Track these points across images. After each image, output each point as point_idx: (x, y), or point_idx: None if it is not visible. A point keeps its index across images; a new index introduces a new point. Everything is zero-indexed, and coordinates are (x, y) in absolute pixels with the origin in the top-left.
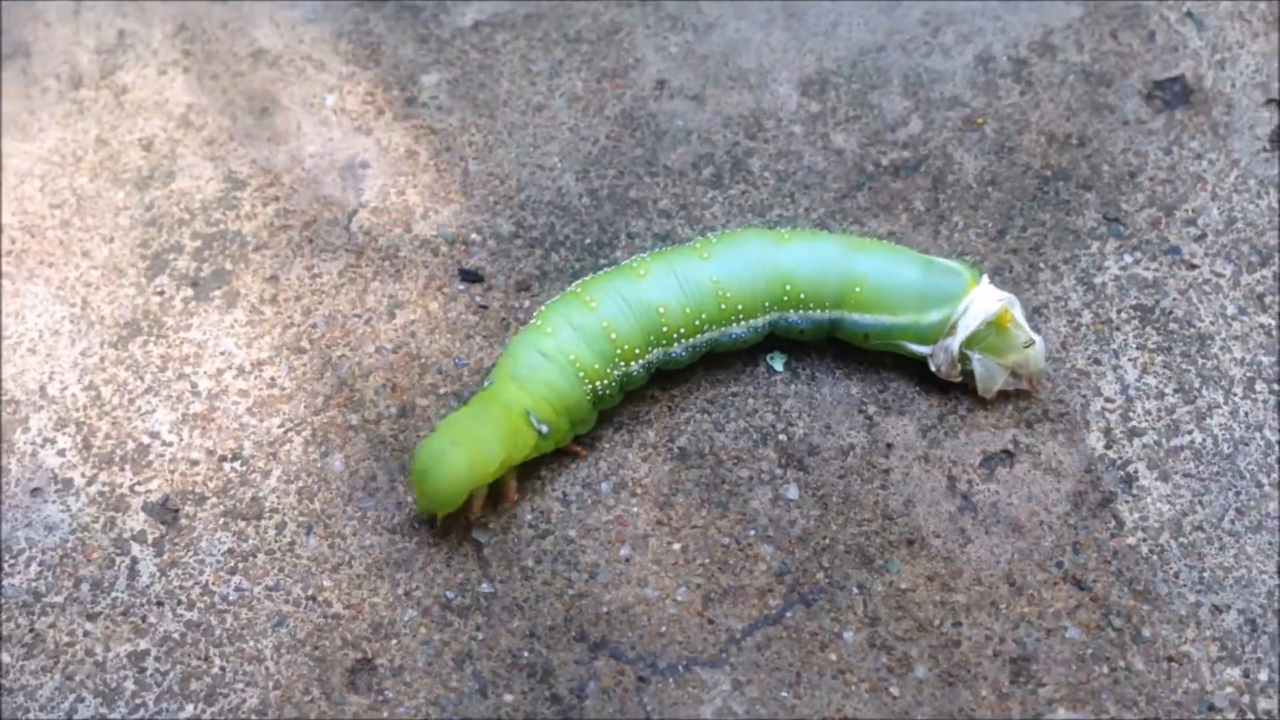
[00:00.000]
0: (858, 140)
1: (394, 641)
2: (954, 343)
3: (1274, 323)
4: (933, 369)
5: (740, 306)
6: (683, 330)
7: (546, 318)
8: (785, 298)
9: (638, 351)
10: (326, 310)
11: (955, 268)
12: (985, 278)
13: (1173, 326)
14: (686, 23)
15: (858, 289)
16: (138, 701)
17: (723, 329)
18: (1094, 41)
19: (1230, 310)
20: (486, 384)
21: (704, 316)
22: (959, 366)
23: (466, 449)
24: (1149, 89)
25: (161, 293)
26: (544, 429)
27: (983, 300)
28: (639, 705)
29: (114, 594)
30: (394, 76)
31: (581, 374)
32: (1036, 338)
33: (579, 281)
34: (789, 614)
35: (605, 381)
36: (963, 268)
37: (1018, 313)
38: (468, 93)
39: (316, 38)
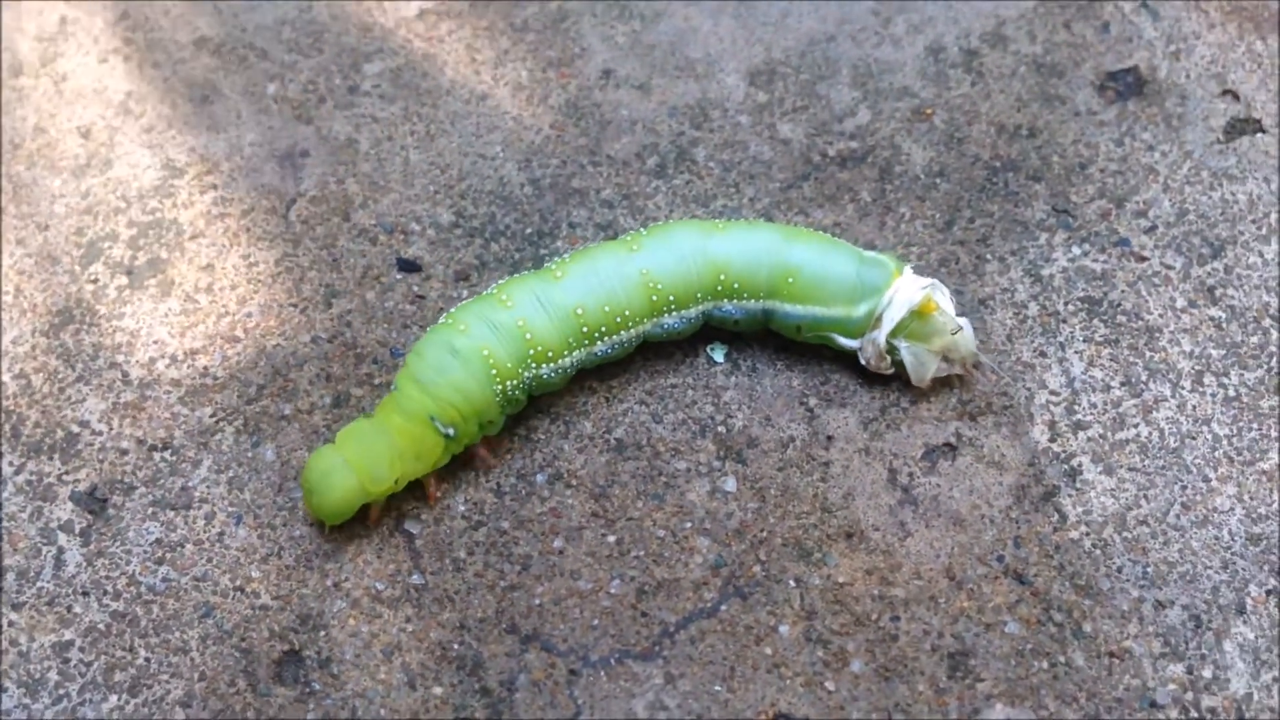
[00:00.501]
0: (805, 130)
1: (322, 633)
2: (880, 335)
3: (1224, 315)
4: (862, 362)
5: (672, 298)
6: (604, 328)
7: (459, 316)
8: (719, 287)
9: (551, 355)
10: (262, 299)
11: (882, 259)
12: (908, 268)
13: (1120, 319)
14: (634, 12)
15: (791, 279)
16: (61, 692)
17: (655, 320)
18: (1047, 32)
19: (1180, 303)
20: (392, 388)
21: (628, 312)
22: (888, 358)
23: (356, 468)
24: (1102, 80)
25: (95, 280)
26: (450, 432)
27: (906, 290)
28: (569, 699)
29: (39, 584)
30: (336, 65)
31: (494, 372)
32: (963, 322)
33: (495, 284)
34: (724, 607)
35: (515, 382)
36: (888, 259)
37: (943, 299)
38: (410, 81)
39: (259, 25)
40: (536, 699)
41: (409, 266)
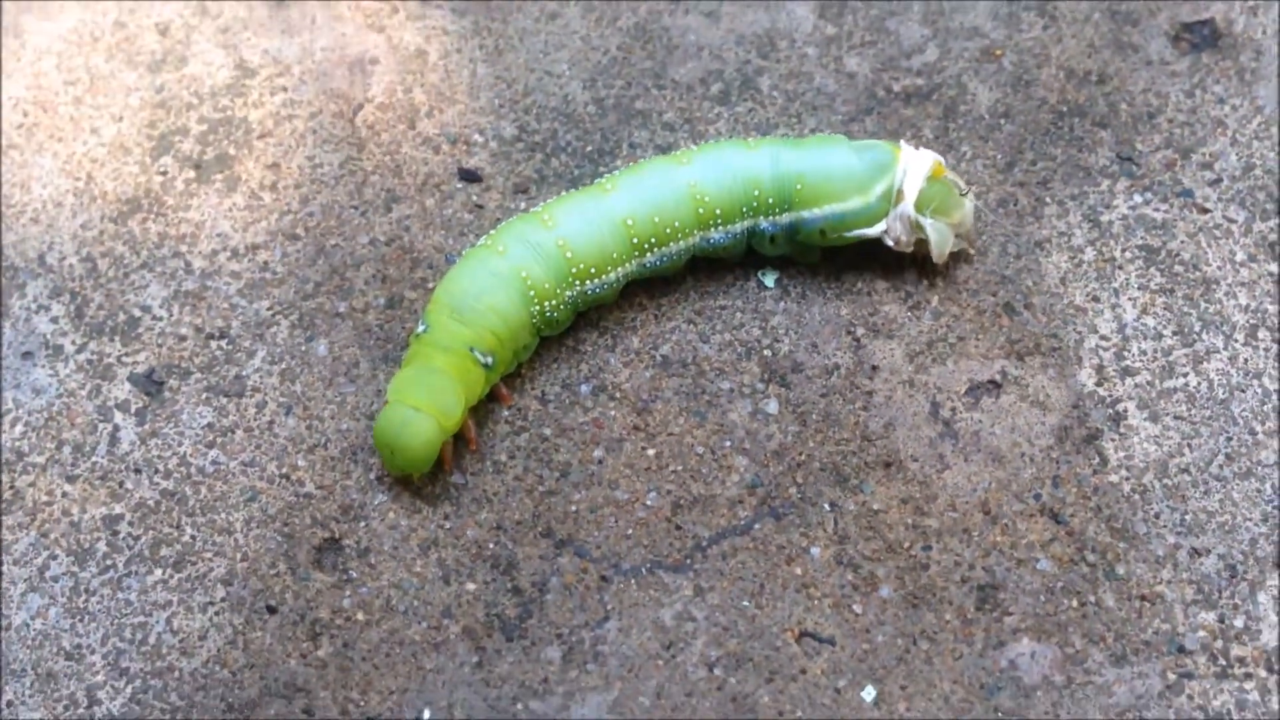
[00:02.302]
0: (871, 65)
1: (362, 524)
2: (907, 207)
3: None
4: (890, 244)
5: (719, 211)
6: (654, 239)
7: (497, 238)
8: (756, 203)
9: (594, 270)
10: (324, 200)
11: (875, 143)
12: (903, 143)
13: (1178, 269)
14: None
15: (799, 186)
16: (108, 563)
17: (703, 234)
18: None
19: (1239, 256)
20: (420, 330)
21: (677, 223)
22: (913, 235)
23: (426, 409)
24: (1177, 30)
25: (164, 173)
26: (489, 361)
27: (915, 160)
28: (599, 603)
29: (94, 459)
30: None
31: (532, 293)
32: (968, 189)
33: (541, 204)
34: (758, 526)
35: (554, 302)
36: (879, 142)
37: (945, 166)
38: None
39: None
40: (567, 601)
41: (470, 176)
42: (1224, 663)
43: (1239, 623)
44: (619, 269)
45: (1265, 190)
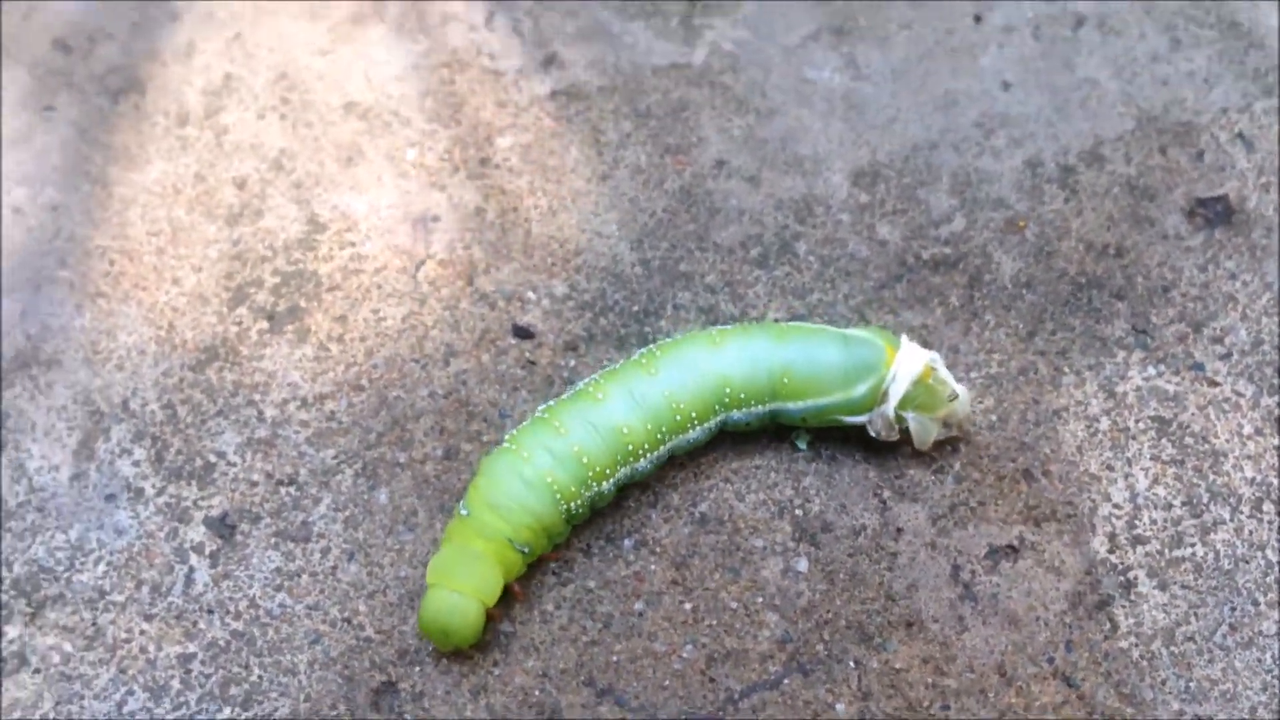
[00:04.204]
0: (902, 233)
1: (417, 669)
2: (888, 409)
3: None
4: (871, 434)
5: (694, 414)
6: (646, 445)
7: (520, 444)
8: (727, 399)
9: (608, 472)
10: (388, 352)
11: (869, 338)
12: (904, 338)
13: (1188, 440)
14: (750, 106)
15: (785, 379)
16: (181, 700)
17: (681, 436)
18: (1142, 155)
19: (1247, 430)
20: (462, 512)
21: (663, 430)
22: (896, 428)
23: (469, 592)
24: (1191, 206)
25: (240, 323)
26: (525, 550)
27: (908, 364)
28: None
29: (170, 598)
30: (471, 137)
31: (558, 495)
32: (960, 389)
33: (543, 407)
34: (787, 681)
35: (579, 502)
36: (875, 336)
37: (940, 368)
38: (538, 158)
39: (404, 94)
40: None
41: (523, 333)
42: None
43: None
44: (620, 471)
45: (1272, 365)
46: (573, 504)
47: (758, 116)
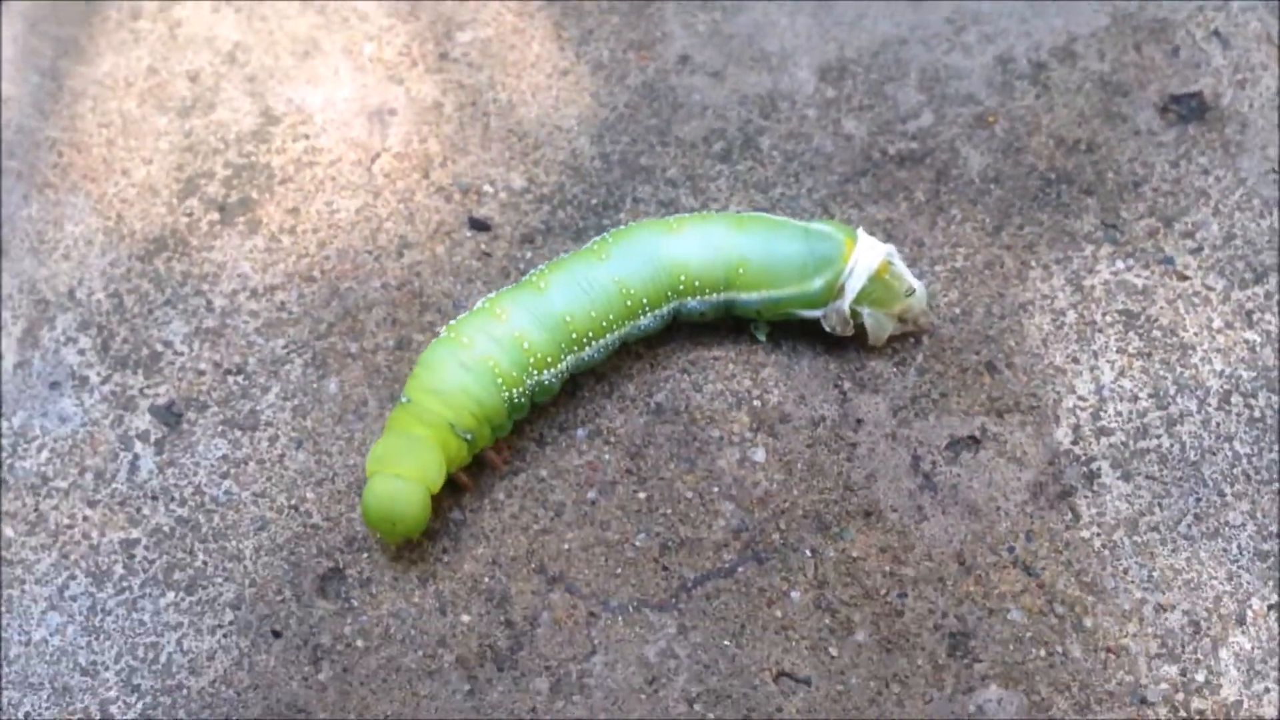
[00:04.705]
0: (868, 128)
1: (365, 555)
2: (844, 304)
3: (1259, 340)
4: (826, 329)
5: (645, 300)
6: (591, 333)
7: (460, 331)
8: (681, 286)
9: (549, 360)
10: (340, 244)
11: (829, 231)
12: (861, 231)
13: (1156, 334)
14: (716, 3)
15: (741, 269)
16: (124, 584)
17: (632, 323)
18: (1116, 52)
19: (1217, 323)
20: (403, 400)
21: (611, 316)
22: (850, 323)
23: (413, 477)
24: (1165, 102)
25: (190, 214)
26: (468, 436)
27: (865, 258)
28: (587, 638)
29: (114, 485)
30: (430, 31)
31: (500, 380)
32: (917, 284)
33: (485, 298)
34: (741, 569)
35: (520, 390)
36: (835, 229)
37: (897, 263)
38: (499, 52)
39: None
40: (556, 635)
41: (479, 225)
42: (1184, 715)
43: (1200, 677)
44: (564, 361)
45: (1244, 260)
46: (515, 391)
47: (723, 12)
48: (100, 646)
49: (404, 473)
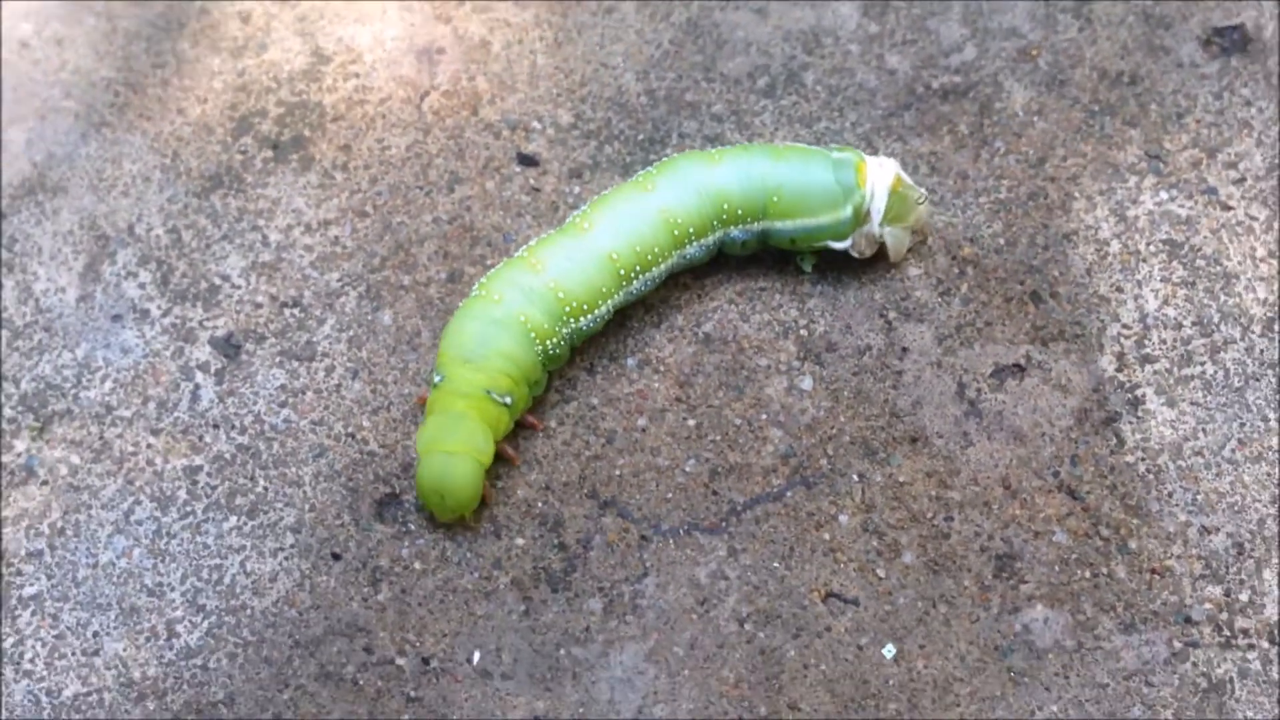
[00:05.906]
0: (911, 63)
1: None
2: (874, 226)
3: None
4: (855, 255)
5: (691, 230)
6: (638, 267)
7: (489, 288)
8: (725, 215)
9: (587, 306)
10: (391, 180)
11: (846, 157)
12: (866, 157)
13: (1200, 263)
14: None
15: (776, 198)
16: (188, 509)
17: (679, 252)
18: None
19: (1260, 252)
20: (436, 380)
21: (656, 249)
22: (875, 244)
23: (462, 452)
24: (1208, 34)
25: (244, 152)
26: (507, 400)
27: (880, 177)
28: (639, 560)
29: (176, 414)
30: None
31: (533, 334)
32: (922, 191)
33: (524, 247)
34: (790, 493)
35: (555, 340)
36: (850, 154)
37: (902, 173)
38: None
39: None
40: (609, 558)
41: (528, 161)
42: (1228, 634)
43: (1244, 597)
44: (608, 302)
45: None
46: (549, 343)
47: None
48: (166, 568)
49: (453, 448)
